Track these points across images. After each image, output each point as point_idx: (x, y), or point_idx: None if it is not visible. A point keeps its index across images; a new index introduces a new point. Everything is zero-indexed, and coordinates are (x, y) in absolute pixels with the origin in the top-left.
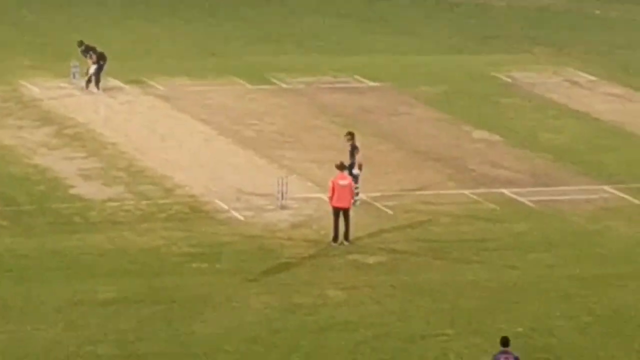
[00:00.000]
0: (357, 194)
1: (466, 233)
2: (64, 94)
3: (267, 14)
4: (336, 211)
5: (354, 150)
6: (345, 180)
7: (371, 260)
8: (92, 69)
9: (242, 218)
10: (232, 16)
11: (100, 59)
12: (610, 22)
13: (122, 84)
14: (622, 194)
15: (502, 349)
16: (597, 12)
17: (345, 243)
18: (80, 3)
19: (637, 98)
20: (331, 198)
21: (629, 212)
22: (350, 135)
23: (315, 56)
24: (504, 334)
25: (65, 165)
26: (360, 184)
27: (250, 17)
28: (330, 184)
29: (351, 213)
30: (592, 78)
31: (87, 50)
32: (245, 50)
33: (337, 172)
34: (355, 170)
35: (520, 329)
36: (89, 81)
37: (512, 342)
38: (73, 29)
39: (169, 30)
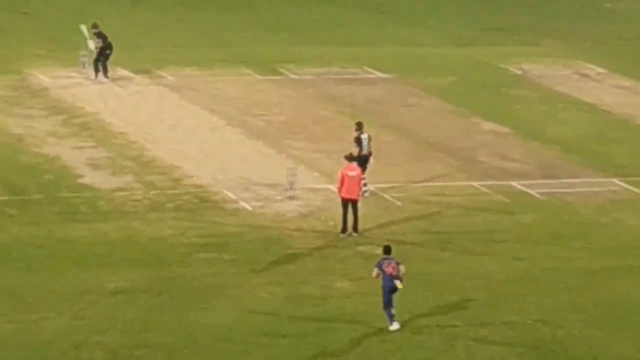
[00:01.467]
0: (365, 184)
1: (474, 225)
2: (72, 83)
3: (277, 4)
4: (345, 202)
5: (359, 141)
6: (354, 171)
7: (379, 251)
8: (91, 45)
9: (250, 208)
10: (242, 6)
11: (107, 48)
12: (619, 13)
13: (131, 74)
14: (630, 187)
15: (384, 256)
16: (607, 4)
17: (354, 234)
18: None
19: None
20: (340, 189)
21: (637, 204)
22: (358, 125)
23: (324, 47)
24: (512, 326)
25: (74, 155)
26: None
27: (260, 8)
28: (339, 175)
29: (359, 204)
30: (601, 70)
31: (99, 35)
32: (255, 41)
33: (346, 163)
34: (372, 159)
35: (528, 321)
36: (96, 64)
37: (519, 333)
38: (83, 18)
39: (179, 19)
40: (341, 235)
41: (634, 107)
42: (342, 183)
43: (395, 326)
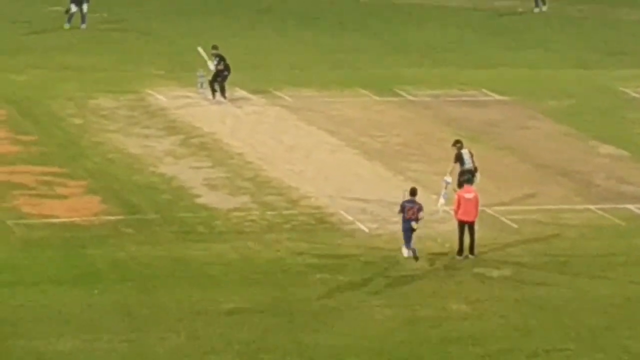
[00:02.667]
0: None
1: (591, 248)
2: (190, 103)
3: (395, 26)
4: (461, 224)
5: (460, 157)
6: (470, 193)
7: (495, 274)
8: (211, 66)
9: (366, 230)
10: (360, 28)
11: (225, 69)
12: None
13: (249, 94)
14: None
15: (409, 198)
16: None
17: (470, 256)
18: (208, 13)
19: None
20: (456, 211)
21: None
22: (457, 142)
23: (442, 69)
24: (628, 351)
25: (191, 175)
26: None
27: (377, 29)
28: (455, 197)
29: (476, 227)
30: None
31: (218, 57)
32: (372, 62)
33: (463, 185)
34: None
35: None
36: (212, 84)
37: (635, 358)
38: (200, 38)
39: (296, 41)
40: (457, 257)
41: None
42: (458, 205)
43: (405, 253)
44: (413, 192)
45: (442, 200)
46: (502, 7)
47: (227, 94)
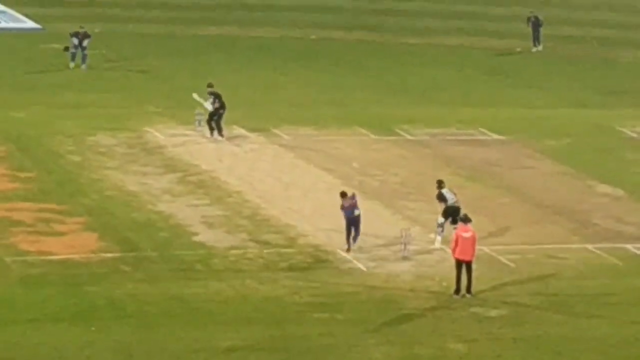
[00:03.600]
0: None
1: (589, 288)
2: (188, 140)
3: (393, 65)
4: (459, 263)
5: (441, 196)
6: (468, 232)
7: (493, 313)
8: (209, 106)
9: (364, 268)
10: (358, 66)
11: (221, 107)
12: None
13: (247, 133)
14: None
15: (343, 198)
16: None
17: (468, 295)
18: (206, 51)
19: None
20: (454, 250)
21: None
22: (439, 182)
23: (440, 108)
24: None
25: (189, 212)
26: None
27: (376, 68)
28: (453, 236)
29: (474, 266)
30: None
31: (214, 96)
32: (371, 100)
33: (460, 224)
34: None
35: None
36: (209, 123)
37: None
38: (199, 76)
39: (294, 79)
40: (455, 296)
41: None
42: (456, 244)
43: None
44: (344, 194)
45: (438, 239)
46: (500, 47)
47: (224, 132)
